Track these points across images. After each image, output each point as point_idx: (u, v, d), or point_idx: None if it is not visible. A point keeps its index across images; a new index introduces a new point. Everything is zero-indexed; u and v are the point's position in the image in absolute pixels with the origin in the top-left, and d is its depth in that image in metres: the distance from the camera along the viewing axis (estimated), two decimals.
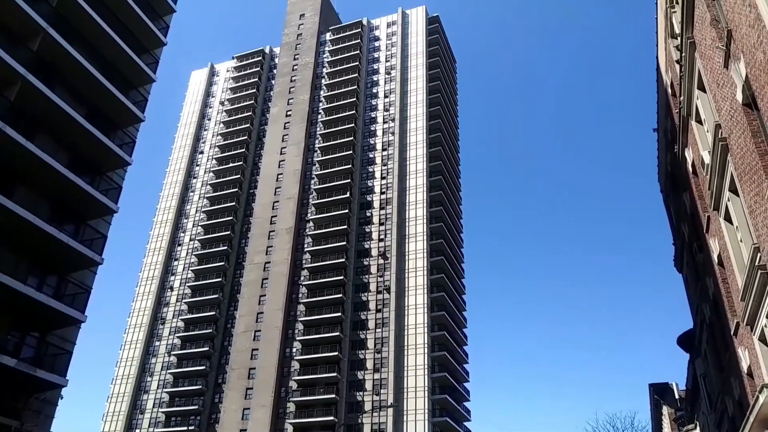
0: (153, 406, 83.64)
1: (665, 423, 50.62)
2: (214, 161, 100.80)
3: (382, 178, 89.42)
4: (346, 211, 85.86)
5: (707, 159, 15.20)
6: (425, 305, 77.23)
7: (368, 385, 74.33)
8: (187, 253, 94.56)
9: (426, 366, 73.37)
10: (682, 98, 17.77)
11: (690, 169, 19.19)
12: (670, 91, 21.59)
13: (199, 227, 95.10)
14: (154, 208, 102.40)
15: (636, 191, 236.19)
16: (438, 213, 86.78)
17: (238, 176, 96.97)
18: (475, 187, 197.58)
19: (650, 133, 26.35)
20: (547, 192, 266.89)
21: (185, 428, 79.04)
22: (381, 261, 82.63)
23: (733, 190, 13.30)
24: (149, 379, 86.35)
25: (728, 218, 14.24)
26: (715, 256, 16.85)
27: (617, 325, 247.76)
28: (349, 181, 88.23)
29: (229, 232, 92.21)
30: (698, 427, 37.18)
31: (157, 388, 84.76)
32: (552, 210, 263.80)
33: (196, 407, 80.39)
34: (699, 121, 16.67)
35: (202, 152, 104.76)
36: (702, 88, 15.50)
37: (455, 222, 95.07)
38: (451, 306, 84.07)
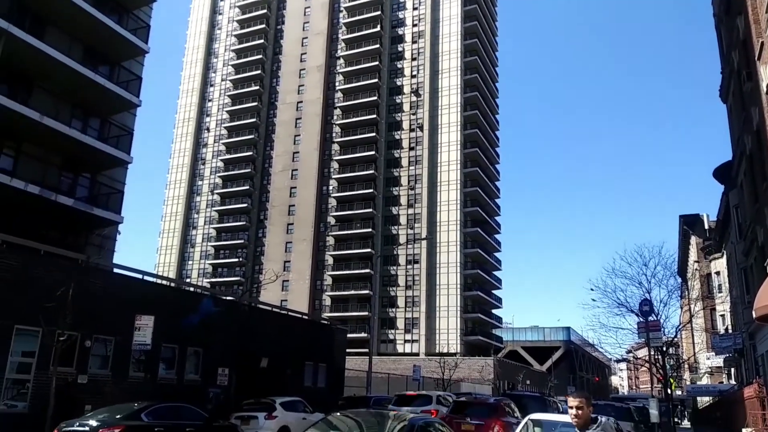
0: (202, 241, 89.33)
1: (692, 252, 52.18)
2: None
3: (414, 8, 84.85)
4: (377, 46, 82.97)
5: None
6: (458, 142, 77.20)
7: (402, 220, 77.26)
8: (219, 93, 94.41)
9: (458, 201, 75.25)
10: None
11: None
12: None
13: (230, 66, 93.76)
14: (183, 47, 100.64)
15: (683, 18, 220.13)
16: (473, 45, 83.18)
17: (265, 11, 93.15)
18: (513, 16, 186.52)
19: None
20: (588, 19, 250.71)
21: (234, 260, 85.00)
22: (414, 98, 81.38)
23: None
24: (196, 216, 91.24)
25: None
26: (764, 85, 16.15)
27: (651, 161, 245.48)
28: (379, 13, 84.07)
29: (259, 72, 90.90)
30: (725, 256, 38.34)
31: (204, 224, 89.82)
32: (593, 35, 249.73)
33: (242, 241, 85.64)
34: None
35: None
36: None
37: (490, 55, 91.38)
38: (484, 142, 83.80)
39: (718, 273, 42.10)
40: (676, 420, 39.75)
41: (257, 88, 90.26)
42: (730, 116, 25.89)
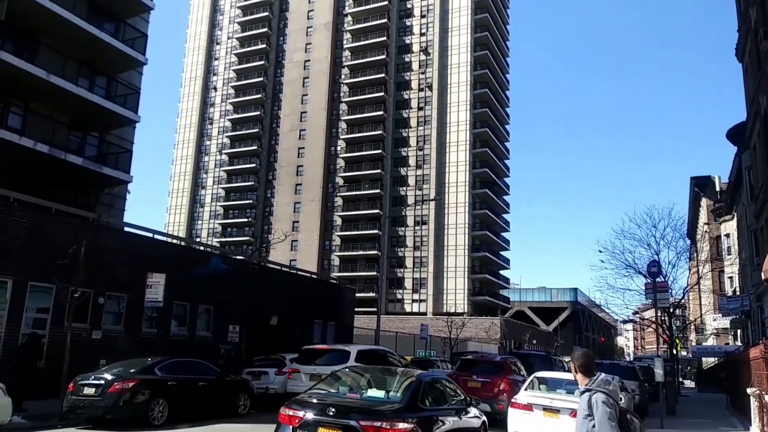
0: (211, 201, 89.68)
1: (702, 214, 51.93)
2: None
3: None
4: (386, 2, 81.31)
5: None
6: (467, 102, 76.31)
7: (411, 181, 77.07)
8: (226, 52, 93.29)
9: (467, 162, 74.84)
10: None
11: None
12: None
13: (236, 24, 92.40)
14: (188, 4, 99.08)
15: None
16: (484, 2, 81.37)
17: None
18: None
19: None
20: None
21: (243, 220, 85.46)
22: (423, 57, 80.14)
23: None
24: (204, 176, 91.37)
25: None
26: None
27: (663, 121, 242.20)
28: None
29: (266, 29, 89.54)
30: (735, 218, 38.12)
31: (213, 184, 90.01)
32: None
33: (250, 201, 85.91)
34: None
35: None
36: None
37: (501, 13, 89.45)
38: (494, 102, 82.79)
39: (727, 235, 41.96)
40: (680, 380, 40.20)
41: (264, 46, 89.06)
42: (746, 76, 25.38)
